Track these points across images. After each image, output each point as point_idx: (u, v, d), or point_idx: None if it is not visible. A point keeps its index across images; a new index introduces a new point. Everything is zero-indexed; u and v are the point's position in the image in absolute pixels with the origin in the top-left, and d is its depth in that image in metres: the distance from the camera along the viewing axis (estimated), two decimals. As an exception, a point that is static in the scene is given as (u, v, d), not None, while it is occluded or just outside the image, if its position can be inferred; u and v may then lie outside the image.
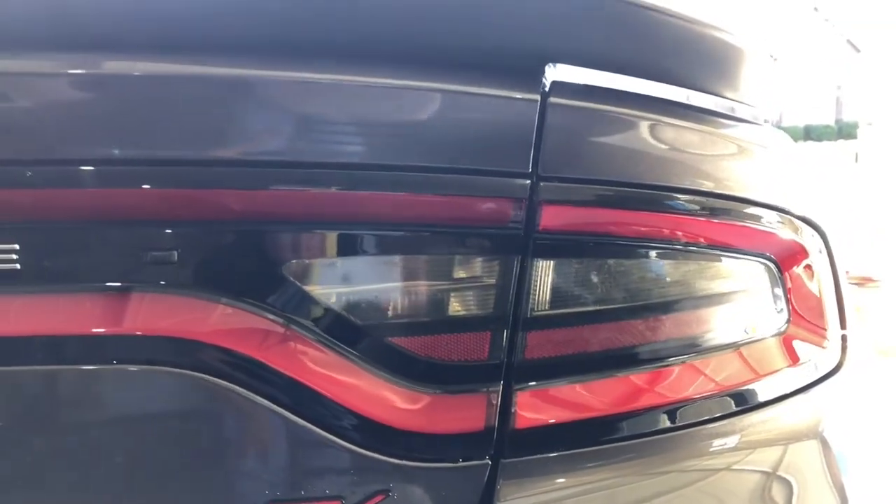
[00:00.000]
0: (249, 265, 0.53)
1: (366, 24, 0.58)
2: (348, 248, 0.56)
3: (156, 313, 0.53)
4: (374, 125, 0.57)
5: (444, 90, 0.57)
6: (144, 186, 0.52)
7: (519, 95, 0.57)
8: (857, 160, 11.33)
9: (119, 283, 0.52)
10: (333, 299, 0.55)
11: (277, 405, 0.54)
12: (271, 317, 0.54)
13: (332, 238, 0.55)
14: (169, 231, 0.52)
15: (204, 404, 0.54)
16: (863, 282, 4.29)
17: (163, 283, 0.52)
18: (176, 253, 0.52)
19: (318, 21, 0.57)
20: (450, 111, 0.57)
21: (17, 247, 0.52)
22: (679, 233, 0.63)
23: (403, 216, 0.56)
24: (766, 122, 0.69)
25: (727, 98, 0.68)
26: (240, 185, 0.53)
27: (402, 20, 0.59)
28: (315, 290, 0.55)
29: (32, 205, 0.51)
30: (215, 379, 0.53)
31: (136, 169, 0.52)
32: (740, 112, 0.67)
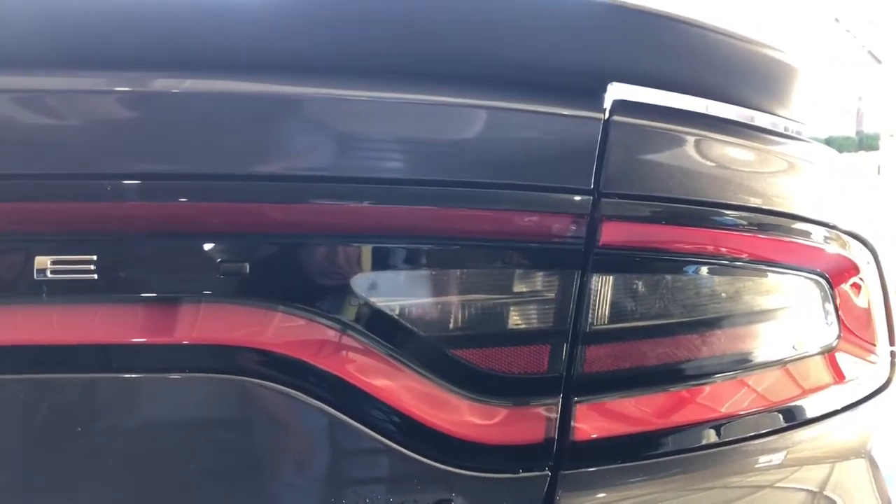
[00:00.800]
0: (335, 281, 0.55)
1: (438, 44, 0.60)
2: (416, 262, 0.57)
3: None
4: (443, 143, 0.58)
5: (509, 108, 0.59)
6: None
7: (583, 114, 0.59)
8: (879, 172, 11.24)
9: None
10: (401, 312, 0.57)
11: (348, 416, 0.55)
12: (349, 332, 0.55)
13: (402, 253, 0.57)
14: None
15: (286, 414, 0.56)
16: None
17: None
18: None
19: (392, 41, 0.59)
20: (515, 129, 0.59)
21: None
22: (732, 249, 0.64)
23: (469, 231, 0.58)
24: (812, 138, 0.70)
25: (778, 115, 0.69)
26: (326, 200, 0.55)
27: (472, 39, 0.61)
28: (385, 303, 0.56)
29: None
30: (300, 394, 0.55)
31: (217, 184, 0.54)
32: (790, 129, 0.68)
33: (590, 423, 0.60)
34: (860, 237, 0.69)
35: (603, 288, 0.60)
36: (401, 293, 0.58)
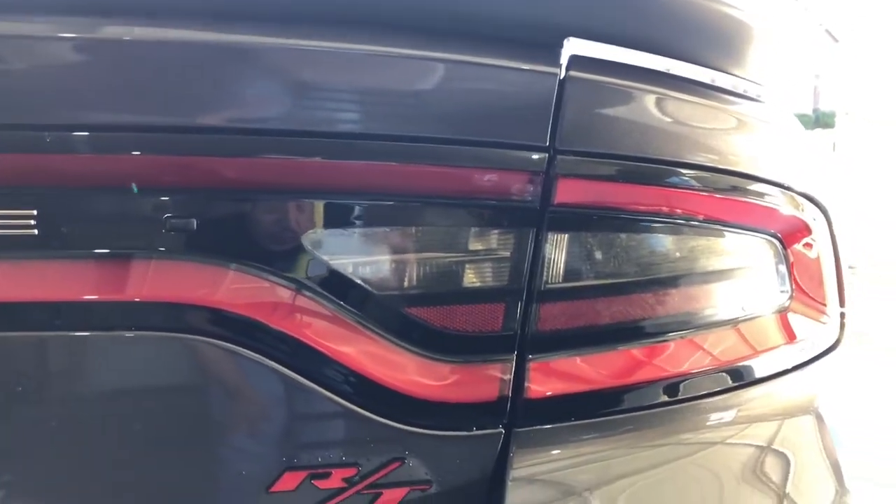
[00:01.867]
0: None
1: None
2: (369, 220, 0.56)
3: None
4: (394, 96, 0.57)
5: (462, 62, 0.58)
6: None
7: (538, 68, 0.58)
8: (834, 149, 11.45)
9: None
10: (353, 271, 0.56)
11: (300, 375, 0.55)
12: (300, 291, 0.54)
13: (355, 210, 0.56)
14: None
15: (237, 374, 0.55)
16: None
17: None
18: None
19: None
20: (468, 83, 0.58)
21: None
22: (687, 208, 0.64)
23: (421, 188, 0.57)
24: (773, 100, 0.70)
25: (736, 75, 0.69)
26: (274, 155, 0.54)
27: None
28: (337, 262, 0.56)
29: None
30: (251, 353, 0.54)
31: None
32: (748, 89, 0.68)
33: (543, 381, 0.60)
34: (813, 198, 0.70)
35: (558, 246, 0.59)
36: (353, 251, 0.57)
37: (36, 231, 0.52)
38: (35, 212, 0.52)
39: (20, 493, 0.55)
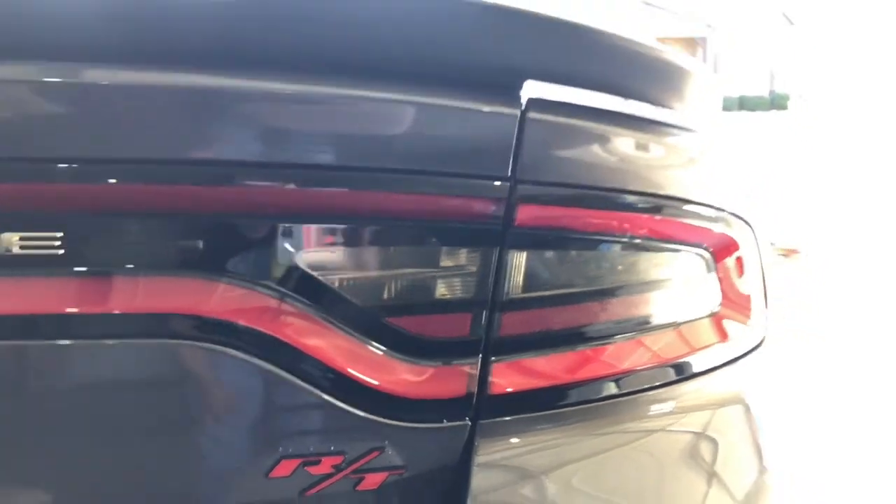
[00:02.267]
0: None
1: (381, 48, 0.66)
2: (356, 240, 0.65)
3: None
4: (380, 134, 0.65)
5: (438, 105, 0.66)
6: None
7: (501, 110, 0.67)
8: (789, 130, 11.73)
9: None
10: (341, 285, 0.65)
11: (294, 376, 0.63)
12: (294, 303, 0.63)
13: (344, 232, 0.64)
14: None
15: (235, 374, 0.63)
16: (788, 253, 4.55)
17: None
18: None
19: (332, 41, 0.65)
20: (443, 123, 0.67)
21: None
22: (631, 228, 0.73)
23: (400, 212, 0.65)
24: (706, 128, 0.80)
25: (671, 108, 0.78)
26: (276, 185, 0.62)
27: (403, 42, 0.68)
28: (326, 277, 0.64)
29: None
30: (250, 357, 0.62)
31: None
32: (684, 121, 0.78)
33: (505, 378, 0.69)
34: (741, 217, 0.80)
35: (518, 262, 0.68)
36: (340, 268, 0.65)
37: (62, 251, 0.59)
38: (61, 234, 0.59)
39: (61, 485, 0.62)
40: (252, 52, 0.65)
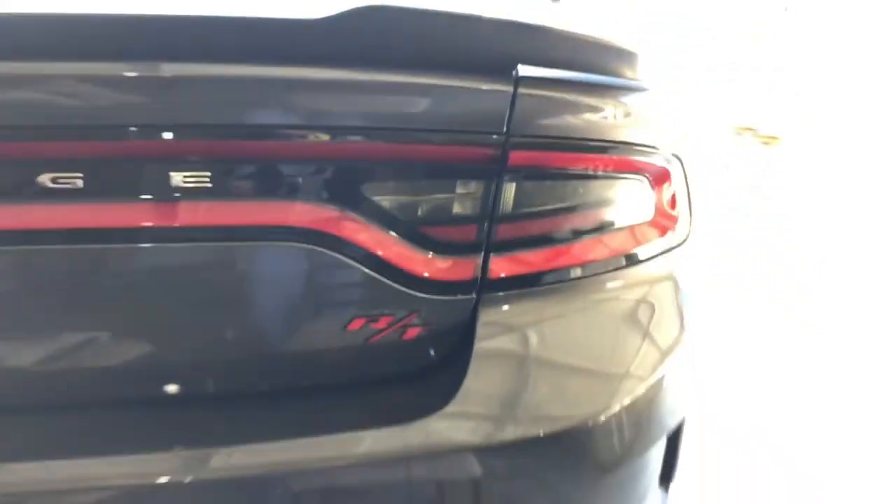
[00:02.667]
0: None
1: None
2: (404, 176, 0.98)
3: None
4: (422, 106, 0.97)
5: (463, 85, 0.97)
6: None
7: (500, 87, 0.98)
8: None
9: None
10: (391, 206, 0.98)
11: (364, 266, 0.98)
12: (362, 218, 0.96)
13: (397, 170, 0.97)
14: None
15: (329, 265, 0.98)
16: (769, 140, 4.68)
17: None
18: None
19: (383, 49, 0.96)
20: (463, 96, 0.98)
21: None
22: (592, 165, 1.06)
23: (430, 157, 0.98)
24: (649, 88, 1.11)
25: (629, 75, 1.09)
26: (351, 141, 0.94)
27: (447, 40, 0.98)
28: (383, 201, 0.97)
29: None
30: (336, 254, 0.97)
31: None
32: (630, 85, 1.09)
33: (499, 267, 1.04)
34: (674, 154, 1.12)
35: (510, 190, 1.02)
36: (393, 195, 0.98)
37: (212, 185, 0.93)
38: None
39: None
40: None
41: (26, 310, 0.95)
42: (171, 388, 1.02)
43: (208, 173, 0.93)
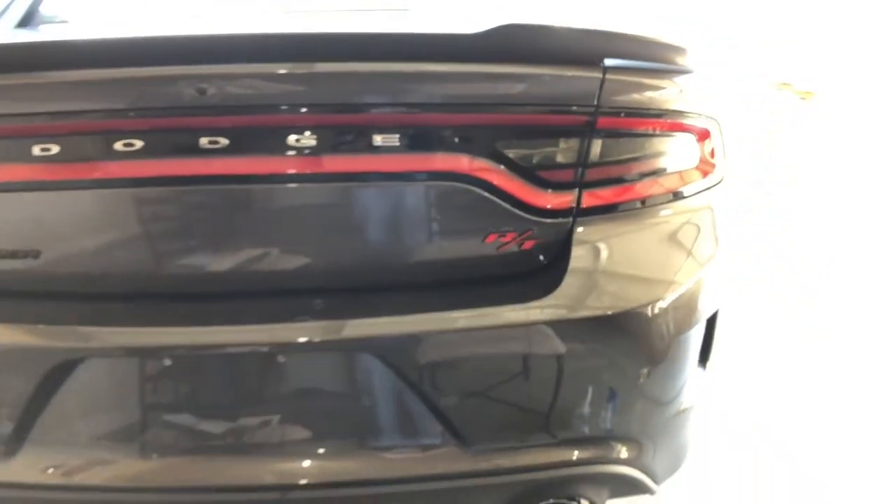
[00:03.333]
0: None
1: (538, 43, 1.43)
2: (527, 137, 1.45)
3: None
4: (543, 87, 1.43)
5: (570, 73, 1.43)
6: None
7: (591, 73, 1.44)
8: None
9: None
10: (517, 157, 1.45)
11: (497, 198, 1.45)
12: (499, 166, 1.43)
13: (525, 132, 1.44)
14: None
15: (476, 196, 1.46)
16: (805, 95, 4.85)
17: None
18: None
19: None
20: (568, 80, 1.44)
21: None
22: (655, 126, 1.51)
23: (547, 122, 1.45)
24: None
25: (682, 63, 1.54)
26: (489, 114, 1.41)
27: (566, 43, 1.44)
28: (513, 154, 1.44)
29: None
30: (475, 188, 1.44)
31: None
32: (682, 68, 1.54)
33: (588, 200, 1.50)
34: (712, 117, 1.57)
35: (597, 146, 1.47)
36: (522, 149, 1.45)
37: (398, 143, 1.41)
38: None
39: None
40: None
41: (235, 232, 1.46)
42: (360, 282, 1.51)
43: (396, 134, 1.41)
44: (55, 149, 1.39)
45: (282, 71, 1.38)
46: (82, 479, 1.52)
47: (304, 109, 1.39)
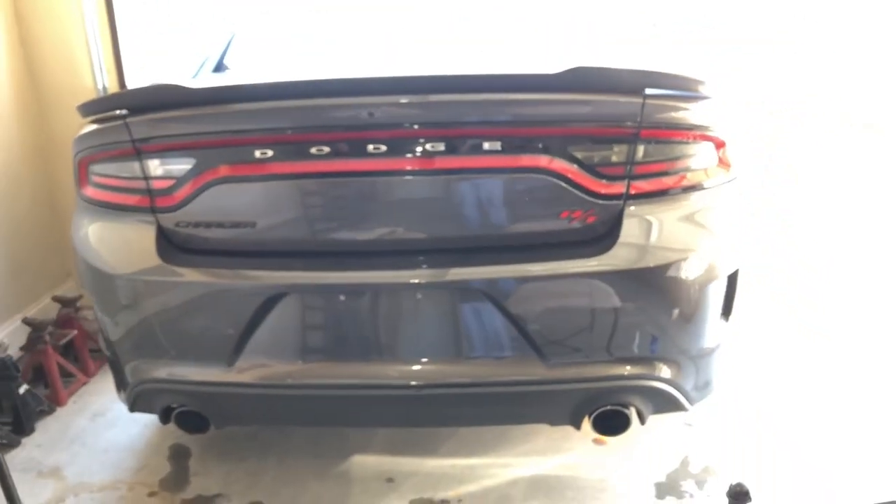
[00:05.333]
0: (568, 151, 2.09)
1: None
2: (589, 144, 2.10)
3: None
4: (601, 109, 2.09)
5: (620, 99, 2.08)
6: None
7: (634, 99, 2.08)
8: None
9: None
10: (582, 157, 2.10)
11: (568, 185, 2.10)
12: (570, 164, 2.09)
13: (589, 139, 2.10)
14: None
15: (555, 185, 2.11)
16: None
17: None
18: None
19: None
20: (615, 104, 2.09)
21: None
22: (687, 136, 2.14)
23: (601, 133, 2.10)
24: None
25: (702, 91, 2.18)
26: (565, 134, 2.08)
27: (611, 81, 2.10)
28: (579, 155, 2.09)
29: None
30: (554, 179, 2.10)
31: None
32: (704, 95, 2.17)
33: (635, 188, 2.12)
34: (727, 130, 2.20)
35: (640, 150, 2.11)
36: (585, 151, 2.10)
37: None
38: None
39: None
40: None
41: (391, 209, 2.16)
42: (473, 244, 2.17)
43: (499, 142, 2.08)
44: (270, 152, 2.11)
45: (425, 100, 2.07)
46: (281, 379, 2.23)
47: (438, 125, 2.08)
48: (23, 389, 3.09)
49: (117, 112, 2.18)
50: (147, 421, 3.06)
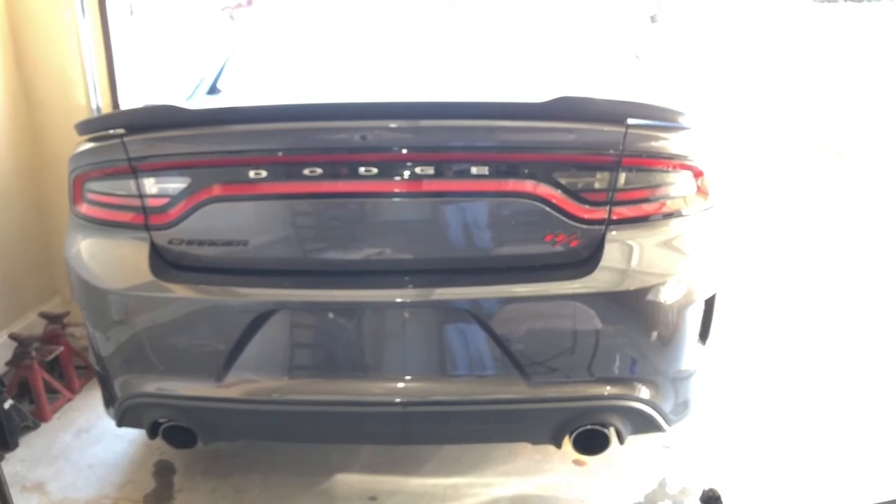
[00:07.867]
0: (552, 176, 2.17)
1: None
2: (571, 170, 2.18)
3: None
4: (589, 138, 2.17)
5: (602, 130, 2.17)
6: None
7: (617, 128, 2.17)
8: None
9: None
10: (565, 183, 2.18)
11: (551, 209, 2.17)
12: (551, 189, 2.17)
13: (573, 167, 2.17)
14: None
15: (538, 209, 2.19)
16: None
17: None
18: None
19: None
20: (600, 133, 2.17)
21: None
22: (667, 165, 2.22)
23: (584, 161, 2.18)
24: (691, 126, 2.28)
25: (682, 122, 2.27)
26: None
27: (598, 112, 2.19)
28: (561, 180, 2.17)
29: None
30: (537, 202, 2.17)
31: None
32: (682, 124, 2.26)
33: (616, 213, 2.21)
34: (705, 160, 2.28)
35: (622, 177, 2.19)
36: (568, 178, 2.18)
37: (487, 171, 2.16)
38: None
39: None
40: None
41: (380, 229, 2.22)
42: (458, 265, 2.24)
43: (486, 167, 2.16)
44: (264, 173, 2.18)
45: (415, 125, 2.15)
46: (269, 395, 2.27)
47: (428, 150, 2.15)
48: (7, 404, 3.10)
49: (114, 131, 2.23)
50: (132, 437, 3.08)
